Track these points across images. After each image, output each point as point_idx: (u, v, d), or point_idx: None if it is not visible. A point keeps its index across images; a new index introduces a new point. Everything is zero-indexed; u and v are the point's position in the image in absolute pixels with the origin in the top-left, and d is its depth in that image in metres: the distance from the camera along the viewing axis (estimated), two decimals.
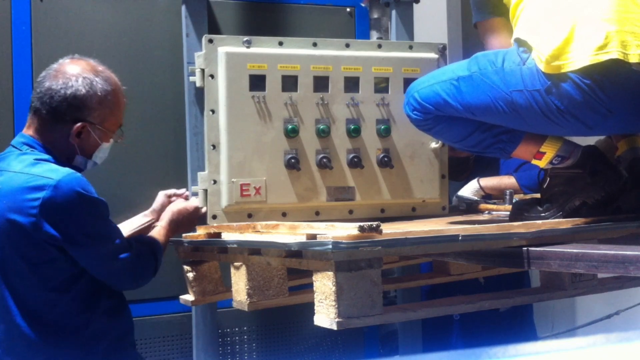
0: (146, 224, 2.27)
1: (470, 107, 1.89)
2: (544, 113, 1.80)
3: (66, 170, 1.82)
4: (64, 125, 1.89)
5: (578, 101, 1.76)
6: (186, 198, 2.34)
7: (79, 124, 1.88)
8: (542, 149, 1.93)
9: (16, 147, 1.91)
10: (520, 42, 1.84)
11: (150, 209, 2.34)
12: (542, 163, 1.95)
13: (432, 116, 1.97)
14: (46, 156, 1.88)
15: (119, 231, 1.95)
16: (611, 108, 1.76)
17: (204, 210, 2.25)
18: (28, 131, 1.93)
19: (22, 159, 1.85)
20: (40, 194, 1.76)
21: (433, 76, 2.02)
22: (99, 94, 1.90)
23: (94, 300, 1.90)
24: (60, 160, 1.91)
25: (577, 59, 1.73)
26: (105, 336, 1.91)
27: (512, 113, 1.84)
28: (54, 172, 1.80)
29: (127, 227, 2.29)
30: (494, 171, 3.03)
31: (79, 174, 1.85)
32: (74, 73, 1.90)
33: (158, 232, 2.14)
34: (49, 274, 1.83)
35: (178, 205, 2.25)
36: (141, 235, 2.13)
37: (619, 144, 2.11)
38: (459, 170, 2.95)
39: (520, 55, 1.82)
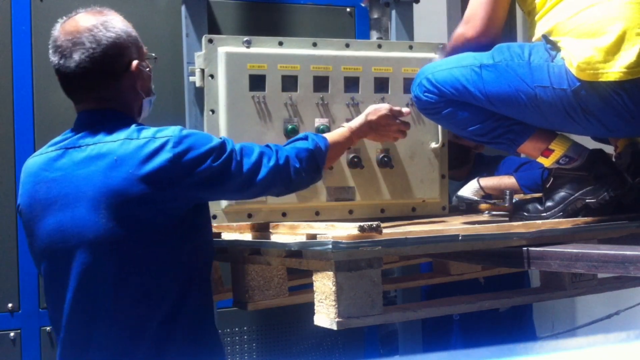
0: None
1: (490, 96, 1.88)
2: (567, 112, 1.81)
3: (177, 127, 1.72)
4: (122, 77, 1.76)
5: (605, 106, 1.77)
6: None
7: (134, 65, 1.76)
8: (552, 147, 1.92)
9: (94, 123, 1.74)
10: (548, 40, 1.84)
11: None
12: (548, 161, 1.95)
13: (445, 100, 1.95)
14: (144, 125, 1.76)
15: (249, 151, 1.80)
16: (635, 114, 1.77)
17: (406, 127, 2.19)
18: (95, 106, 1.77)
19: (121, 128, 1.71)
20: (168, 153, 1.64)
21: (451, 61, 1.99)
22: (122, 27, 1.76)
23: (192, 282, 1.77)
24: (136, 119, 1.81)
25: (612, 71, 1.74)
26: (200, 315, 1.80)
27: (533, 107, 1.84)
28: (166, 130, 1.70)
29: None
30: (494, 170, 3.03)
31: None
32: (84, 27, 1.72)
33: (338, 133, 2.04)
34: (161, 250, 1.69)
35: (382, 112, 2.14)
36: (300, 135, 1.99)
37: (618, 142, 2.11)
38: (459, 159, 2.94)
39: (548, 52, 1.82)
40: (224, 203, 2.23)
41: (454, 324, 3.01)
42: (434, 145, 2.41)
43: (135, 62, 1.77)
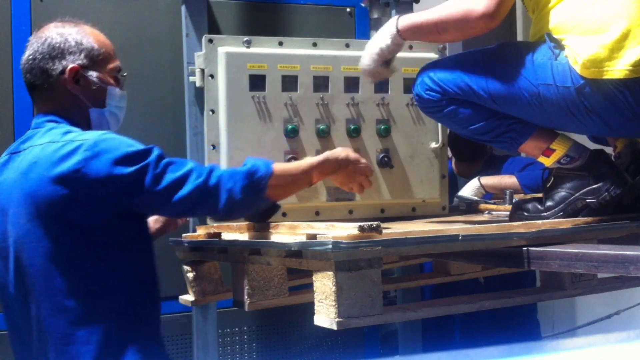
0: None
1: (493, 94, 1.88)
2: (570, 110, 1.80)
3: (101, 131, 1.73)
4: (58, 80, 1.80)
5: (608, 104, 1.76)
6: None
7: (69, 69, 1.79)
8: (553, 146, 1.92)
9: (38, 128, 1.80)
10: (551, 38, 1.84)
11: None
12: (549, 161, 1.95)
13: (447, 98, 1.94)
14: (75, 128, 1.77)
15: (178, 161, 1.74)
16: (637, 113, 1.77)
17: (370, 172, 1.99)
18: (40, 110, 1.85)
19: (51, 132, 1.74)
20: (79, 155, 1.64)
21: (453, 59, 1.99)
22: (75, 36, 1.83)
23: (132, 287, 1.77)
24: (82, 127, 1.81)
25: (617, 69, 1.73)
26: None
27: (536, 105, 1.84)
28: (88, 134, 1.70)
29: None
30: (498, 166, 3.04)
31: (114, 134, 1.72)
32: (42, 31, 1.85)
33: (294, 164, 1.94)
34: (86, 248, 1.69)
35: (343, 154, 1.93)
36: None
37: (617, 142, 2.11)
38: (476, 153, 2.94)
39: (552, 50, 1.82)
40: None
41: (456, 324, 3.01)
42: (434, 145, 2.41)
43: (70, 67, 1.79)
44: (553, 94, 1.80)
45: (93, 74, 1.83)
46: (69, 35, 1.83)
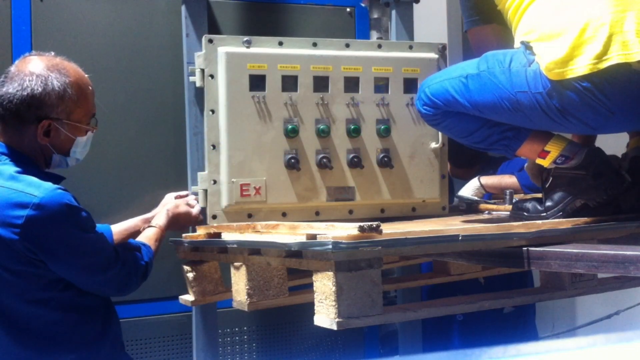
0: (140, 229, 2.24)
1: (476, 104, 1.92)
2: (547, 114, 1.82)
3: (49, 186, 1.77)
4: (30, 125, 1.85)
5: (578, 104, 1.77)
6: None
7: (42, 122, 1.84)
8: (547, 148, 1.94)
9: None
10: (526, 45, 1.85)
11: (152, 214, 2.31)
12: (545, 162, 1.96)
13: (441, 111, 2.00)
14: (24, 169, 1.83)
15: (105, 242, 1.91)
16: (612, 109, 1.77)
17: (200, 217, 2.28)
18: (0, 138, 1.89)
19: (1, 170, 1.81)
20: (24, 212, 1.72)
21: (444, 73, 2.06)
22: (57, 89, 1.84)
23: (83, 309, 1.87)
24: (38, 163, 1.88)
25: (578, 67, 1.74)
26: (98, 343, 1.89)
27: (517, 112, 1.87)
28: (36, 188, 1.75)
29: (122, 227, 2.25)
30: (496, 167, 3.03)
31: (61, 190, 1.79)
32: (27, 72, 1.85)
33: (153, 236, 2.12)
34: (32, 285, 1.79)
35: (181, 208, 2.25)
36: (132, 240, 2.09)
37: (632, 139, 2.11)
38: (472, 159, 2.94)
39: (527, 57, 1.84)
40: (224, 202, 2.24)
41: (455, 325, 3.01)
42: (434, 145, 2.41)
43: (44, 122, 1.84)
44: (529, 100, 1.83)
45: (65, 127, 1.88)
46: (51, 88, 1.84)
